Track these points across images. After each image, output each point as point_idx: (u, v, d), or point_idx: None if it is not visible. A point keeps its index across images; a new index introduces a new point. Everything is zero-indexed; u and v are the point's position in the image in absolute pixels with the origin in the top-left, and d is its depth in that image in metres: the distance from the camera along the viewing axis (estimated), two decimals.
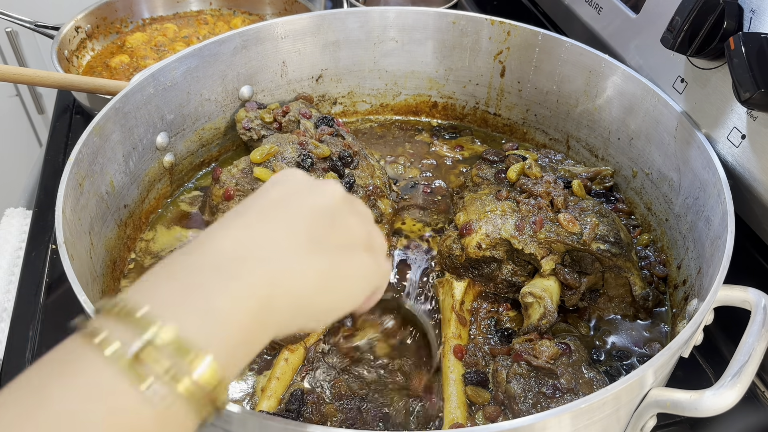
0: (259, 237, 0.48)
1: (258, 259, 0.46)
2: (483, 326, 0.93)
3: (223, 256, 0.46)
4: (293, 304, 0.48)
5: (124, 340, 0.40)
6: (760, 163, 0.85)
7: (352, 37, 1.23)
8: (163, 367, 0.39)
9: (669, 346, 0.67)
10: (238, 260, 0.46)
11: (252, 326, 0.44)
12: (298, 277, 0.48)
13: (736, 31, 0.83)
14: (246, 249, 0.47)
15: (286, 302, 0.47)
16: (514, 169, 1.02)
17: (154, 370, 0.39)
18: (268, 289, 0.46)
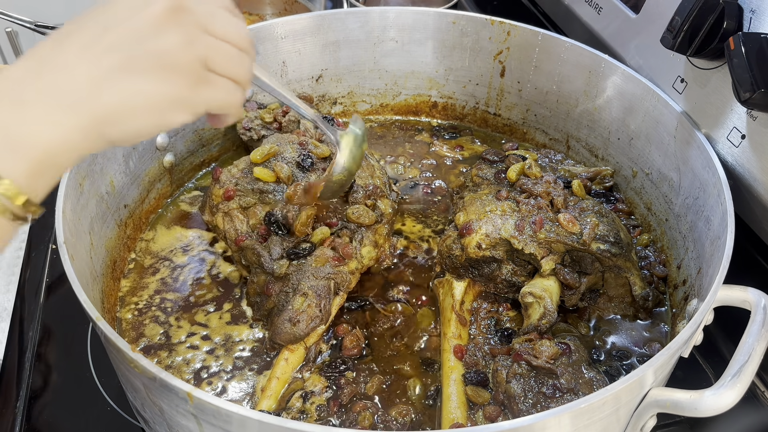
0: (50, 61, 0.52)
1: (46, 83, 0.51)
2: (483, 326, 0.93)
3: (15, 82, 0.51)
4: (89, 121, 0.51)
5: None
6: (760, 163, 0.85)
7: (352, 37, 1.23)
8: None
9: (669, 346, 0.67)
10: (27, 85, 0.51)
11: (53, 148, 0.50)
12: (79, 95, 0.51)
13: (736, 31, 0.83)
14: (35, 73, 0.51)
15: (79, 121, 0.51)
16: (514, 169, 1.02)
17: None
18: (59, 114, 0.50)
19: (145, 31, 0.53)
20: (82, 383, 0.93)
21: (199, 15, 0.56)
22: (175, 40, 0.54)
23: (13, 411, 0.90)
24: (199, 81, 0.56)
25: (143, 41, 0.53)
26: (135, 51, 0.53)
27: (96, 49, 0.52)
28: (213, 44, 0.57)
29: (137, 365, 0.64)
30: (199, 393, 0.61)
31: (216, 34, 0.57)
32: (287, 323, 0.86)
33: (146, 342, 0.91)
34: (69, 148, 0.52)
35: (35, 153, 0.50)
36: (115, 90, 0.52)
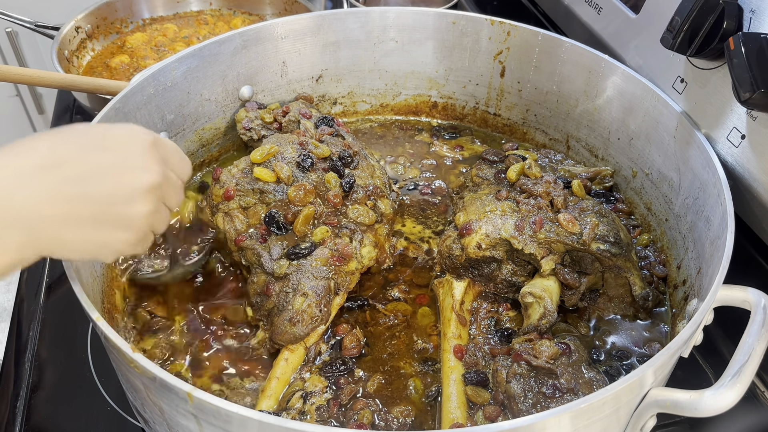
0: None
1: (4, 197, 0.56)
2: (483, 326, 0.93)
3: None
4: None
5: None
6: (759, 163, 0.85)
7: (352, 38, 1.23)
8: None
9: (669, 346, 0.67)
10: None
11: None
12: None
13: (736, 31, 0.83)
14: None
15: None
16: (514, 169, 1.02)
17: None
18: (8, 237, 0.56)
19: (121, 194, 0.61)
20: (82, 383, 0.93)
21: (168, 191, 0.66)
22: (145, 210, 0.63)
23: (13, 411, 0.90)
24: (140, 241, 0.65)
25: (117, 205, 0.61)
26: (107, 211, 0.60)
27: (74, 189, 0.58)
28: (163, 214, 0.67)
29: (137, 365, 0.64)
30: (199, 393, 0.61)
31: (171, 176, 0.67)
32: (287, 323, 0.86)
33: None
34: (23, 262, 0.59)
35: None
36: (75, 235, 0.59)
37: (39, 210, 0.56)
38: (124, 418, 0.89)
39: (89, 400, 0.91)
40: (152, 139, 0.64)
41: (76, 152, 0.59)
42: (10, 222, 0.55)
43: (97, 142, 0.61)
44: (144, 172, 0.62)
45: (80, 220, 0.58)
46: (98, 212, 0.59)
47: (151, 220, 0.64)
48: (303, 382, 0.86)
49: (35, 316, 1.02)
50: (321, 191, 0.97)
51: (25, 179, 0.56)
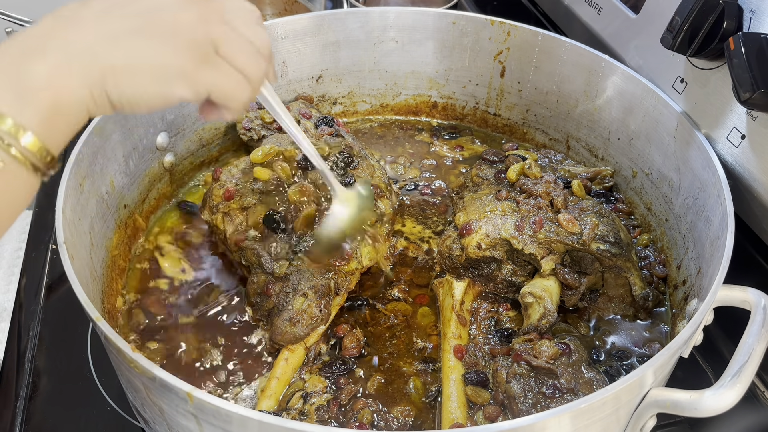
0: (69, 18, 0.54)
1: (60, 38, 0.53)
2: (483, 326, 0.93)
3: (33, 37, 0.53)
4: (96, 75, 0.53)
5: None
6: (759, 163, 0.85)
7: (352, 38, 1.23)
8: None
9: (669, 346, 0.67)
10: (43, 39, 0.53)
11: (62, 99, 0.52)
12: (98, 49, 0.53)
13: (736, 31, 0.83)
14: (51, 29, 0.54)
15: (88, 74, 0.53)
16: (514, 170, 1.02)
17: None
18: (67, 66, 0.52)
19: (165, 2, 0.56)
20: (82, 383, 0.93)
21: (223, 6, 0.59)
22: (192, 16, 0.56)
23: (13, 411, 0.90)
24: (206, 61, 0.57)
25: (161, 11, 0.55)
26: (151, 18, 0.55)
27: (114, 12, 0.55)
28: (228, 32, 0.58)
29: (137, 365, 0.64)
30: (199, 393, 0.61)
31: (235, 27, 0.59)
32: (287, 323, 0.86)
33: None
34: (76, 101, 0.53)
35: (44, 102, 0.51)
36: (123, 49, 0.54)
37: (74, 34, 0.53)
38: (124, 418, 0.89)
39: (89, 400, 0.91)
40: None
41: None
42: (44, 52, 0.52)
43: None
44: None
45: (119, 36, 0.54)
46: (137, 23, 0.55)
47: (208, 33, 0.57)
48: (303, 383, 0.86)
49: (35, 316, 1.02)
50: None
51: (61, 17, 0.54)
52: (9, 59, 0.52)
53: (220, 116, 0.63)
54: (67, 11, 0.55)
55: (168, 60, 0.55)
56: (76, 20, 0.54)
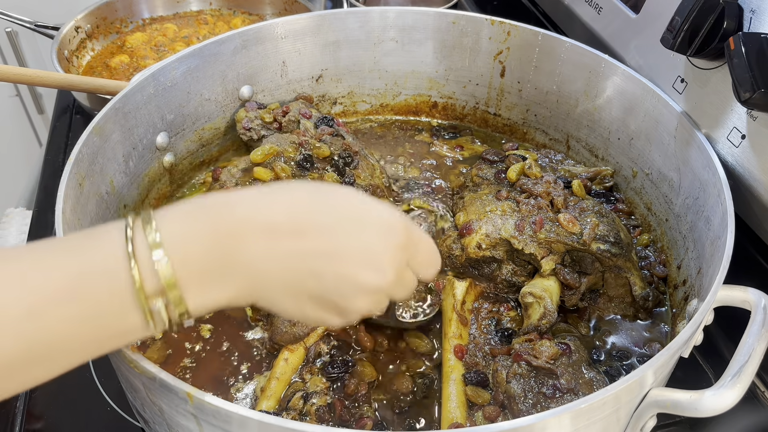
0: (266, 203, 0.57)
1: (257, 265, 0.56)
2: (483, 326, 0.93)
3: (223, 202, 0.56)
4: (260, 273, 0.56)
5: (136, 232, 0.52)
6: (760, 163, 0.85)
7: (352, 37, 1.23)
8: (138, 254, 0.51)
9: (669, 346, 0.67)
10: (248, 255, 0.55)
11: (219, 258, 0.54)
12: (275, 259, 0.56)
13: (736, 31, 0.83)
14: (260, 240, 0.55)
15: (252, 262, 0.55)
16: (514, 169, 1.02)
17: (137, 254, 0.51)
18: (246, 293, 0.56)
19: (347, 287, 0.58)
20: (82, 383, 0.93)
21: (396, 290, 0.63)
22: (364, 307, 0.60)
23: (12, 411, 0.90)
24: (346, 320, 0.62)
25: (341, 295, 0.58)
26: (329, 296, 0.58)
27: (316, 272, 0.57)
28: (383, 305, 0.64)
29: (137, 365, 0.64)
30: (199, 393, 0.61)
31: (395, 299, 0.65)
32: (287, 323, 0.86)
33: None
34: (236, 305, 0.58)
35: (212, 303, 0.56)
36: (289, 302, 0.58)
37: (270, 271, 0.56)
38: (124, 418, 0.89)
39: (89, 400, 0.91)
40: (405, 239, 0.60)
41: (332, 227, 0.57)
42: (242, 271, 0.55)
43: (352, 225, 0.58)
44: (378, 274, 0.58)
45: (300, 294, 0.58)
46: (319, 294, 0.58)
47: (368, 311, 0.62)
48: (303, 383, 0.86)
49: None
50: None
51: (273, 236, 0.55)
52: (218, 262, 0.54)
53: None
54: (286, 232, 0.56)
55: (322, 322, 0.61)
56: (283, 253, 0.56)
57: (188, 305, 0.53)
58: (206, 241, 0.53)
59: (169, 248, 0.52)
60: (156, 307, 0.52)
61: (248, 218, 0.55)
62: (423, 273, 0.66)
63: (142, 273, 0.50)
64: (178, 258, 0.52)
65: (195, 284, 0.53)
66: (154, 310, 0.52)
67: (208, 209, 0.55)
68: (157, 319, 0.52)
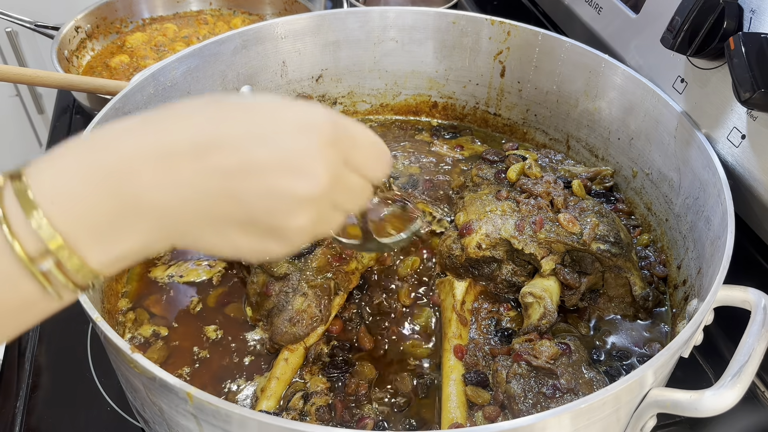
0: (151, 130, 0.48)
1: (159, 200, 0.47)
2: (483, 326, 0.93)
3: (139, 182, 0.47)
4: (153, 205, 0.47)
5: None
6: (760, 163, 0.85)
7: (352, 37, 1.23)
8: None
9: (669, 346, 0.67)
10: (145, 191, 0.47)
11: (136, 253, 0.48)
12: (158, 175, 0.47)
13: (736, 31, 0.83)
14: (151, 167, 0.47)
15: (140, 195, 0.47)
16: (514, 169, 1.02)
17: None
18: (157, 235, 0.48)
19: (275, 202, 0.49)
20: (82, 383, 0.93)
21: (339, 196, 0.53)
22: (302, 224, 0.51)
23: (12, 411, 0.90)
24: (290, 245, 0.53)
25: (269, 214, 0.49)
26: (256, 218, 0.49)
27: (222, 185, 0.48)
28: (327, 224, 0.55)
29: (137, 365, 0.64)
30: (199, 393, 0.61)
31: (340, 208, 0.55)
32: (287, 323, 0.86)
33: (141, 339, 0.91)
34: (147, 254, 0.50)
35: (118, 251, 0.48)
36: (212, 235, 0.50)
37: (176, 203, 0.47)
38: (124, 418, 0.89)
39: (89, 400, 0.91)
40: (331, 133, 0.50)
41: (237, 138, 0.48)
42: (142, 211, 0.47)
43: (265, 130, 0.49)
44: (306, 178, 0.49)
45: (224, 222, 0.49)
46: (246, 218, 0.49)
47: (313, 231, 0.53)
48: (304, 383, 0.86)
49: None
50: None
51: (169, 162, 0.46)
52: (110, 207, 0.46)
53: None
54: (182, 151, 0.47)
55: (259, 252, 0.52)
56: (186, 177, 0.47)
57: (90, 264, 0.46)
58: (91, 187, 0.45)
59: (46, 203, 0.45)
60: (46, 268, 0.45)
61: (136, 148, 0.46)
62: (370, 171, 0.55)
63: (19, 236, 0.44)
64: (58, 212, 0.45)
65: (89, 238, 0.46)
66: (48, 274, 0.45)
67: (88, 150, 0.47)
68: (56, 282, 0.46)
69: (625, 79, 1.06)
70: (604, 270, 0.93)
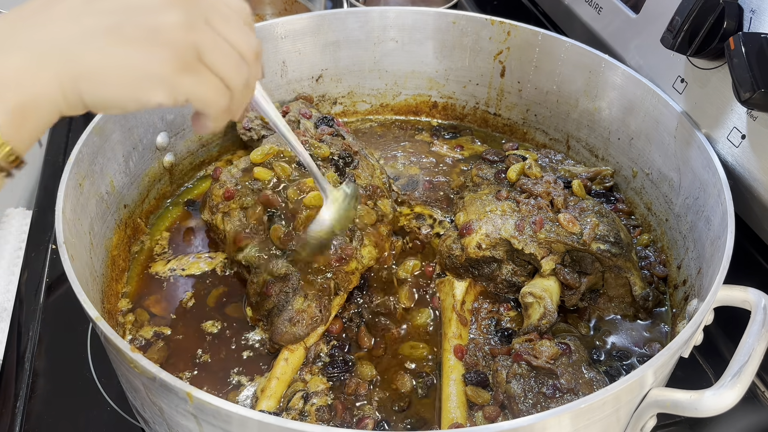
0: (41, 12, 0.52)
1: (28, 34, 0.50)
2: (483, 326, 0.93)
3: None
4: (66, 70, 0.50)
5: None
6: (760, 163, 0.85)
7: (352, 37, 1.23)
8: None
9: (669, 346, 0.67)
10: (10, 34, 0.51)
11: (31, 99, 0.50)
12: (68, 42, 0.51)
13: (736, 31, 0.83)
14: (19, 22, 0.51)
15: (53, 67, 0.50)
16: (514, 169, 1.02)
17: None
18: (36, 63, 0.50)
19: (144, 2, 0.52)
20: (82, 383, 0.93)
21: (208, 7, 0.55)
22: (174, 19, 0.52)
23: (12, 411, 0.90)
24: (186, 67, 0.53)
25: (139, 12, 0.52)
26: (127, 19, 0.51)
27: (91, 7, 0.51)
28: (212, 38, 0.55)
29: (137, 365, 0.64)
30: (199, 393, 0.61)
31: (220, 32, 0.55)
32: (287, 323, 0.86)
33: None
34: (47, 100, 0.51)
35: (12, 100, 0.49)
36: (98, 51, 0.51)
37: (46, 30, 0.50)
38: (124, 418, 0.89)
39: (89, 400, 0.91)
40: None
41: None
42: (13, 48, 0.50)
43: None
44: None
45: (93, 34, 0.51)
46: (112, 22, 0.51)
47: (190, 38, 0.53)
48: (304, 383, 0.86)
49: (35, 316, 1.01)
50: None
51: (37, 8, 0.51)
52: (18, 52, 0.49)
53: (204, 127, 0.60)
54: (37, 2, 0.52)
55: (146, 66, 0.52)
56: (47, 14, 0.51)
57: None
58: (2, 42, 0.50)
59: None
60: None
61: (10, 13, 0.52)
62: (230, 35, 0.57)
63: None
64: None
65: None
66: None
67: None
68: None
69: (625, 79, 1.06)
70: (604, 270, 0.93)
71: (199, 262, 1.02)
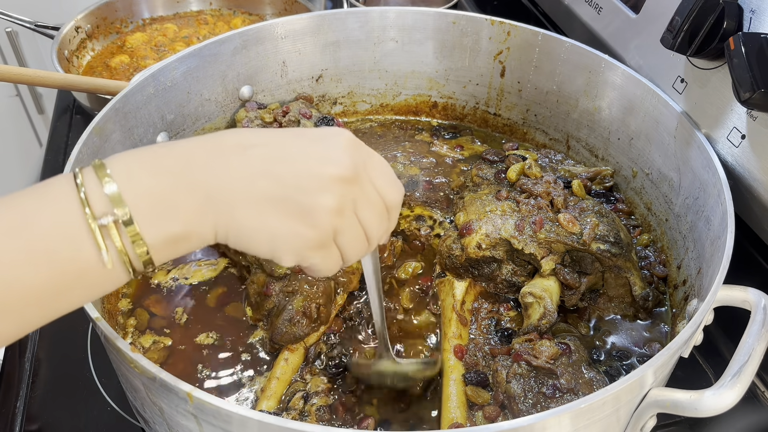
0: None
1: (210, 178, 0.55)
2: (483, 326, 0.93)
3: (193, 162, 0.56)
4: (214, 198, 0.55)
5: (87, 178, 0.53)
6: (760, 163, 0.85)
7: (352, 37, 1.23)
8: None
9: (669, 346, 0.67)
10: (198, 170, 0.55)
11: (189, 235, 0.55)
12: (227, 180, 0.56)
13: (736, 31, 0.83)
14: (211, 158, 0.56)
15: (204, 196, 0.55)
16: (514, 169, 1.02)
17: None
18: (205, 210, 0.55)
19: (307, 180, 0.57)
20: (82, 383, 0.93)
21: (360, 194, 0.60)
22: (329, 204, 0.57)
23: (13, 411, 0.90)
24: (321, 246, 0.59)
25: (304, 191, 0.56)
26: (293, 194, 0.56)
27: (265, 171, 0.56)
28: (351, 224, 0.61)
29: (137, 365, 0.64)
30: (199, 393, 0.61)
31: (361, 219, 0.61)
32: (287, 323, 0.86)
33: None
34: (199, 237, 0.56)
35: (171, 231, 0.54)
36: (255, 214, 0.56)
37: (221, 182, 0.55)
38: (124, 418, 0.89)
39: (89, 400, 0.91)
40: (353, 139, 0.61)
41: (276, 137, 0.59)
42: (193, 188, 0.54)
43: (298, 133, 0.61)
44: (334, 163, 0.58)
45: (259, 199, 0.56)
46: (279, 194, 0.56)
47: (337, 223, 0.59)
48: (304, 383, 0.86)
49: None
50: None
51: (218, 152, 0.56)
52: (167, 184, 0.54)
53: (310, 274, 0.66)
54: (215, 144, 0.57)
55: (292, 239, 0.58)
56: (226, 163, 0.56)
57: (144, 236, 0.52)
58: (154, 169, 0.54)
59: (117, 176, 0.53)
60: (106, 222, 0.51)
61: (193, 146, 0.57)
62: (385, 189, 0.63)
63: (90, 200, 0.51)
64: (125, 183, 0.52)
65: (147, 210, 0.53)
66: (105, 229, 0.51)
67: (151, 149, 0.57)
68: (111, 248, 0.51)
69: (625, 79, 1.06)
70: (604, 270, 0.93)
71: (201, 269, 1.02)
